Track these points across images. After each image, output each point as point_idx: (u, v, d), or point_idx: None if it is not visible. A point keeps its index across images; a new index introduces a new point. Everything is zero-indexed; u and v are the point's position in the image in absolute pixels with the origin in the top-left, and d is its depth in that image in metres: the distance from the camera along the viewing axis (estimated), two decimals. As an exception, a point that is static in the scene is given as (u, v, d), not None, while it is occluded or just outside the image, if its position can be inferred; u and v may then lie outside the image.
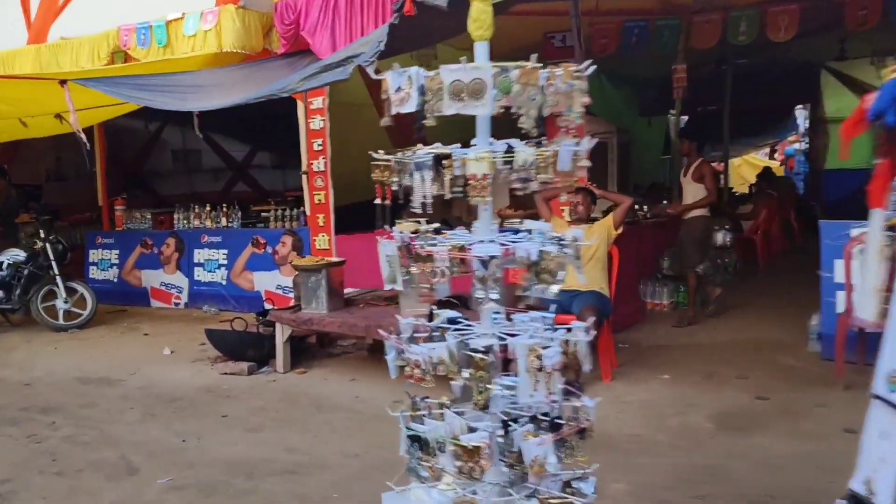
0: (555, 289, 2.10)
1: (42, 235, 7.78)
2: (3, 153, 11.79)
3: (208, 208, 8.73)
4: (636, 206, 6.78)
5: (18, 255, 7.76)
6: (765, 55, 10.27)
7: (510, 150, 2.21)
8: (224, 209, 8.63)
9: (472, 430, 2.13)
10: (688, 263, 6.53)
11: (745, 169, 17.66)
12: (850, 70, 12.11)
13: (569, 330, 2.17)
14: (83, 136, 5.86)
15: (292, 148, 18.96)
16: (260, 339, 5.56)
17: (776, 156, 20.73)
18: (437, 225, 6.61)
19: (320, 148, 7.41)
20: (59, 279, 7.67)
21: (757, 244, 8.70)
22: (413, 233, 2.32)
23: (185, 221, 8.90)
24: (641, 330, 6.09)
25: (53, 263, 7.69)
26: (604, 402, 4.26)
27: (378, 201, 2.41)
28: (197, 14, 7.30)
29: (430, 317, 2.45)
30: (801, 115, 16.92)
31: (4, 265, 7.67)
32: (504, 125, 2.42)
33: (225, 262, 8.40)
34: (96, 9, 8.34)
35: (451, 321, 2.32)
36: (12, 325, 7.80)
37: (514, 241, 2.20)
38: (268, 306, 6.92)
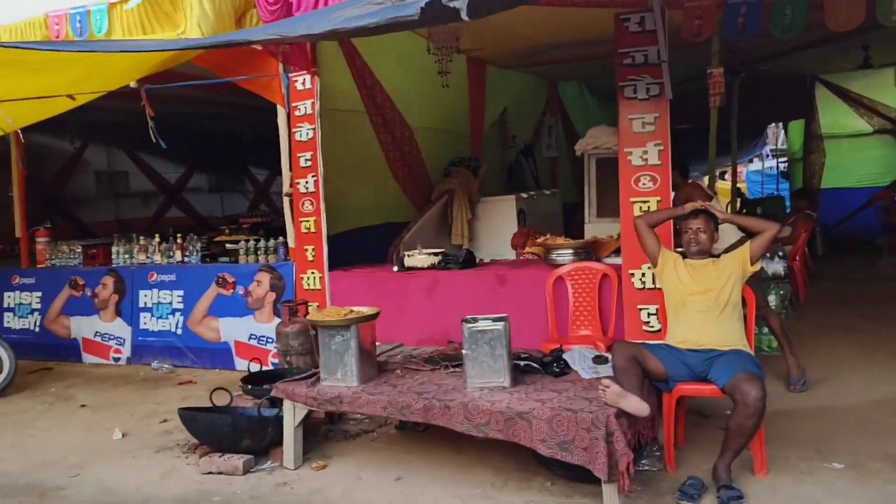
0: None
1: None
2: None
3: (157, 240, 7.09)
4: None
5: None
6: (767, 64, 9.50)
7: None
8: (178, 240, 7.01)
9: None
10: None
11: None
12: (846, 82, 11.54)
13: None
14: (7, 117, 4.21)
15: (231, 169, 17.30)
16: (260, 424, 4.04)
17: (726, 177, 20.21)
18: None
19: (309, 164, 5.96)
20: (-37, 335, 5.91)
21: (796, 272, 7.72)
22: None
23: (126, 256, 7.22)
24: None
25: (-45, 314, 5.93)
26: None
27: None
28: (148, -5, 5.77)
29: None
30: (771, 132, 16.45)
31: None
32: None
33: (180, 306, 6.77)
34: (14, -9, 6.66)
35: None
36: None
37: None
38: (254, 366, 5.38)
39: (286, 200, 6.25)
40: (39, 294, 7.51)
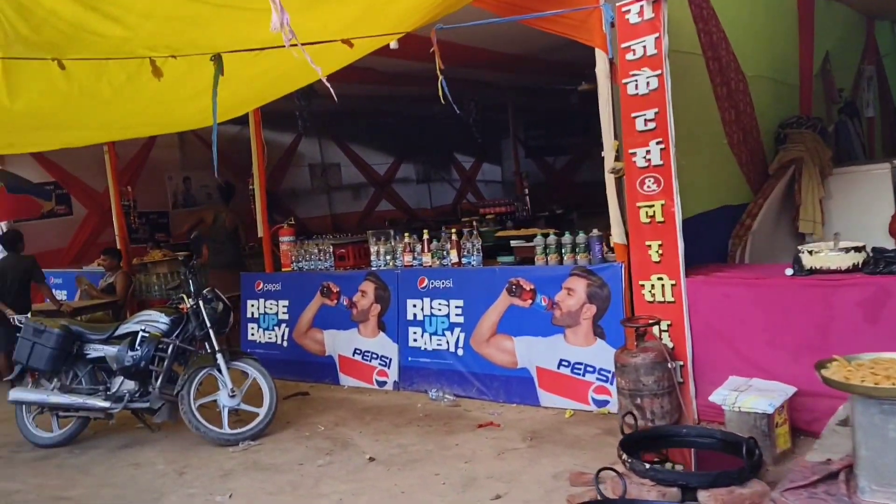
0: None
1: (192, 287, 4.97)
2: (125, 173, 9.37)
3: (426, 237, 5.71)
4: None
5: (158, 321, 4.96)
6: None
7: None
8: (453, 237, 5.58)
9: None
10: None
11: None
12: None
13: None
14: (325, 79, 2.87)
15: (438, 158, 16.16)
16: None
17: None
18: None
19: (651, 126, 4.23)
20: (220, 358, 4.82)
21: None
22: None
23: (387, 257, 5.93)
24: None
25: (211, 333, 4.86)
26: None
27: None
28: None
29: None
30: None
31: (139, 339, 4.88)
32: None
33: (459, 319, 5.35)
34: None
35: None
36: (151, 432, 5.01)
37: None
38: (569, 404, 3.77)
39: (610, 179, 4.57)
40: (286, 302, 6.45)
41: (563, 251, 5.00)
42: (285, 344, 6.40)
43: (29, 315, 5.46)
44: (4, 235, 6.66)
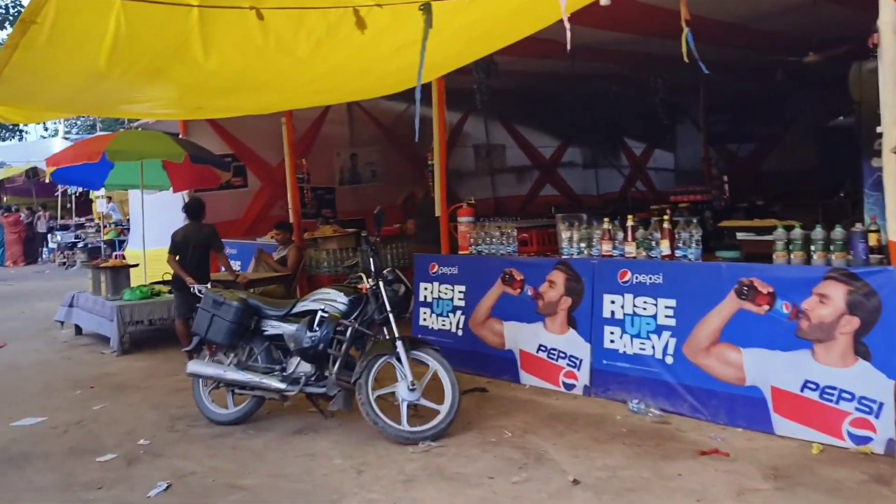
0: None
1: (372, 267, 4.55)
2: (298, 147, 9.30)
3: (630, 223, 4.96)
4: None
5: (337, 300, 4.59)
6: None
7: None
8: (664, 224, 4.79)
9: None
10: None
11: None
12: None
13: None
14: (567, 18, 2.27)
15: (608, 142, 15.03)
16: None
17: None
18: None
19: (967, 91, 3.25)
20: (400, 346, 4.36)
21: None
22: None
23: (581, 244, 5.25)
24: None
25: (391, 317, 4.42)
26: None
27: None
28: None
29: None
30: None
31: (318, 319, 4.54)
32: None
33: (670, 321, 4.57)
34: None
35: None
36: (324, 418, 4.65)
37: None
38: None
39: (890, 160, 3.63)
40: (463, 288, 5.94)
41: (814, 247, 4.09)
42: (460, 332, 5.91)
43: (209, 285, 5.31)
44: (188, 204, 6.66)
